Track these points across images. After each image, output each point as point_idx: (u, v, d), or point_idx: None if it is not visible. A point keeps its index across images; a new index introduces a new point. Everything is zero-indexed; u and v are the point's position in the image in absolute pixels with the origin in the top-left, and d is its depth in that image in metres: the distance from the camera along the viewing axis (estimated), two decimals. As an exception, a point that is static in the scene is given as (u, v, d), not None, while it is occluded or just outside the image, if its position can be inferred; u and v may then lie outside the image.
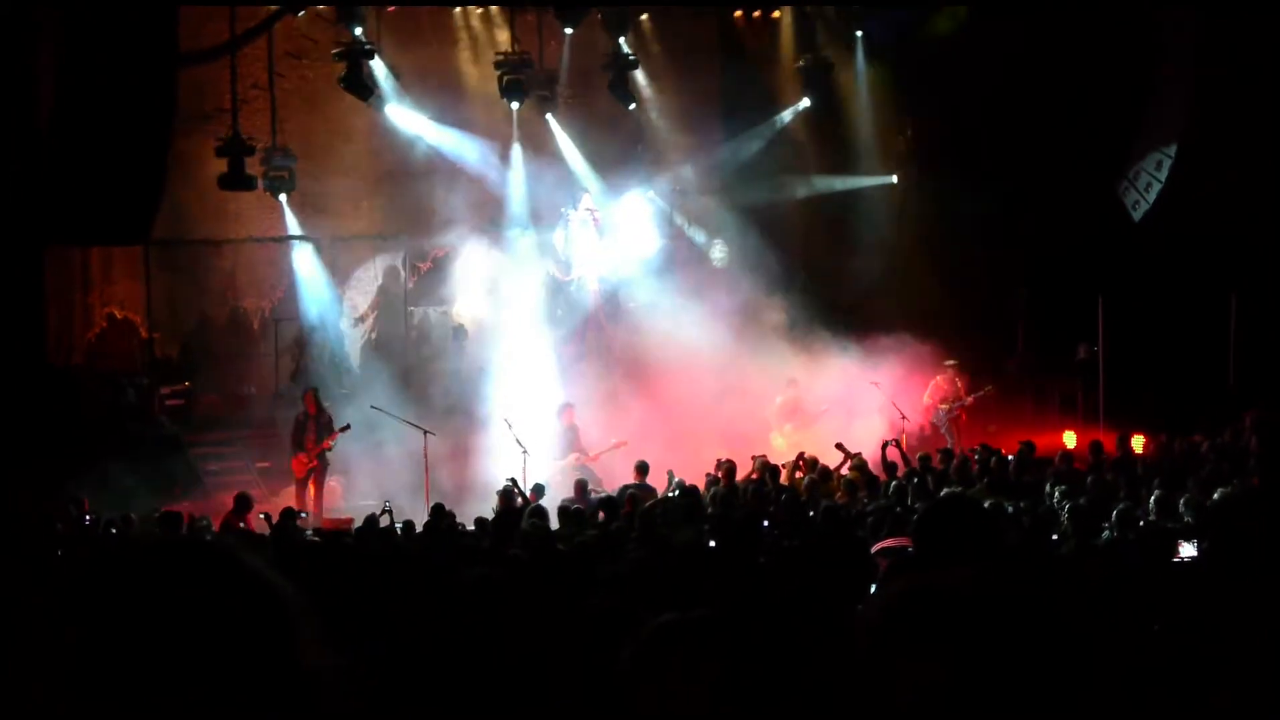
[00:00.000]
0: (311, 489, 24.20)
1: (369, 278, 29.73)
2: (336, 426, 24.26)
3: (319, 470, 24.28)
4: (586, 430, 25.77)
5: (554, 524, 17.75)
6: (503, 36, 28.68)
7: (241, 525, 20.15)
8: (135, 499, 22.05)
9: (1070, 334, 28.99)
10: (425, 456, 23.60)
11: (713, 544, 14.52)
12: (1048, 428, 26.84)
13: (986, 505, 16.48)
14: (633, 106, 29.35)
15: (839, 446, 22.51)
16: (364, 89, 26.56)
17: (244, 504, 21.00)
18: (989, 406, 27.52)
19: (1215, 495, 16.64)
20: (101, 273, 27.65)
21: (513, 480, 21.31)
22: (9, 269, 19.81)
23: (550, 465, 24.56)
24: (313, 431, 24.18)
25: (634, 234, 28.67)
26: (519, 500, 20.46)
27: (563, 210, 28.61)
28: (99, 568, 2.57)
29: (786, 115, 30.84)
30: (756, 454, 23.08)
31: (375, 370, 28.09)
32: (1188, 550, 13.55)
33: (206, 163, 25.36)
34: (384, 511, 19.92)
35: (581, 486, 21.67)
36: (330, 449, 24.23)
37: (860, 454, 22.25)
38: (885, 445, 22.56)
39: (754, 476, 21.72)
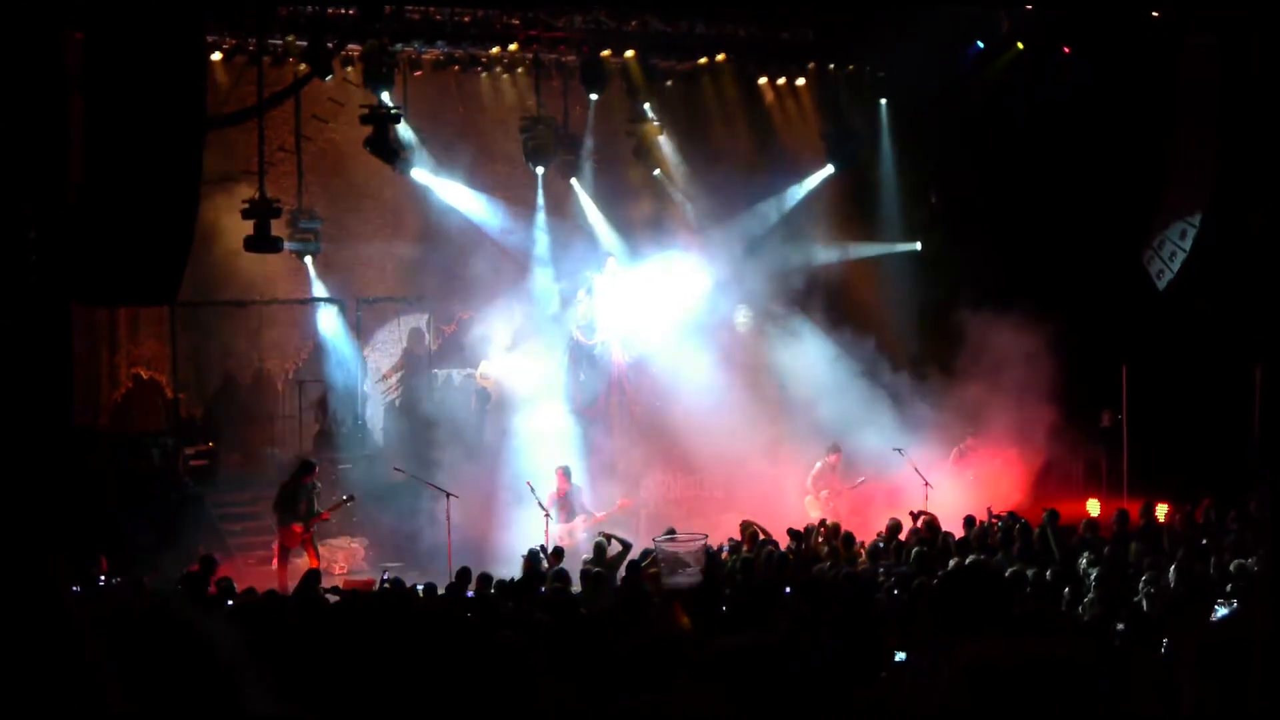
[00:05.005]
0: (309, 555, 23.84)
1: (393, 340, 29.78)
2: (334, 497, 24.01)
3: (310, 539, 24.08)
4: (597, 491, 25.90)
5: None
6: (528, 101, 28.83)
7: (208, 587, 20.05)
8: (158, 559, 22.11)
9: (1094, 402, 28.92)
10: (448, 519, 23.56)
11: (724, 608, 14.51)
12: (1072, 495, 26.79)
13: (1009, 573, 16.52)
14: (657, 172, 29.47)
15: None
16: (390, 152, 26.62)
17: (209, 566, 20.85)
18: (1013, 473, 27.48)
19: (1232, 566, 16.60)
20: (128, 333, 27.72)
21: (541, 548, 21.33)
22: (36, 329, 19.87)
23: (555, 530, 24.43)
24: (305, 500, 23.90)
25: (657, 298, 28.66)
26: (544, 564, 20.48)
27: (587, 274, 28.63)
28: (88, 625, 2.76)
29: (811, 181, 30.92)
30: (785, 519, 23.08)
31: (399, 432, 28.13)
32: (1224, 612, 13.50)
33: (233, 224, 25.45)
34: (384, 583, 19.88)
35: (599, 549, 21.65)
36: (329, 520, 24.04)
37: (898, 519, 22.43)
38: (914, 515, 22.71)
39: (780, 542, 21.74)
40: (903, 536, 21.82)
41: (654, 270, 28.76)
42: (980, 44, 29.45)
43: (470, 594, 18.20)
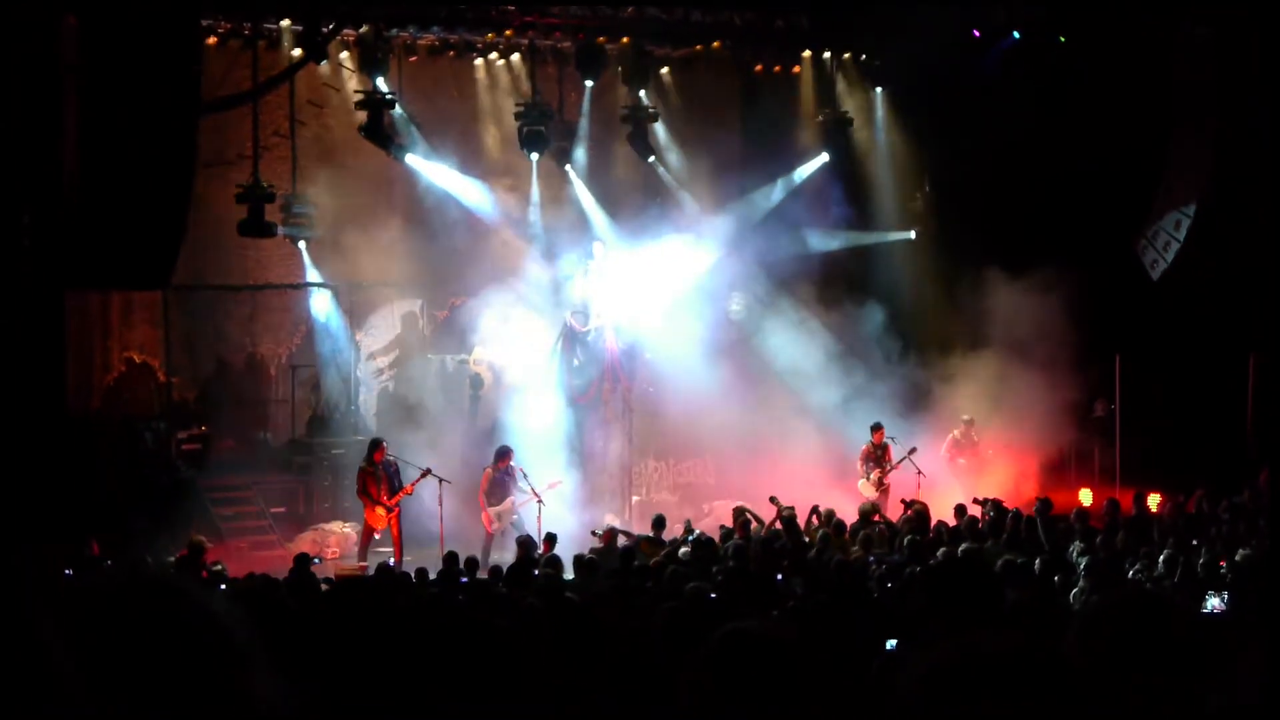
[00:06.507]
0: (394, 533, 24.09)
1: (387, 325, 29.73)
2: (409, 472, 24.18)
3: (397, 517, 24.22)
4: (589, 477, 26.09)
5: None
6: (523, 87, 28.81)
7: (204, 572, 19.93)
8: (150, 543, 22.11)
9: (1087, 391, 28.94)
10: (440, 504, 23.61)
11: (713, 595, 14.48)
12: (1064, 484, 26.82)
13: (1001, 562, 16.53)
14: (651, 159, 29.44)
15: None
16: (384, 138, 26.64)
17: (197, 550, 20.68)
18: (1006, 463, 27.51)
19: (1237, 556, 16.62)
20: (121, 317, 27.67)
21: (528, 536, 21.38)
22: (30, 313, 19.87)
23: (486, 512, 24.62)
24: (385, 482, 24.03)
25: (651, 285, 28.62)
26: (537, 550, 20.49)
27: (581, 260, 28.61)
28: (83, 606, 2.74)
29: (805, 170, 30.88)
30: (775, 506, 23.06)
31: (392, 417, 28.10)
32: (1215, 603, 13.53)
33: (227, 209, 25.44)
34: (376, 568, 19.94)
35: (611, 535, 21.66)
36: (411, 494, 24.18)
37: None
38: (906, 504, 22.85)
39: (777, 526, 21.75)
40: (875, 518, 22.07)
41: (648, 256, 28.73)
42: (977, 33, 29.44)
43: (464, 580, 18.21)
